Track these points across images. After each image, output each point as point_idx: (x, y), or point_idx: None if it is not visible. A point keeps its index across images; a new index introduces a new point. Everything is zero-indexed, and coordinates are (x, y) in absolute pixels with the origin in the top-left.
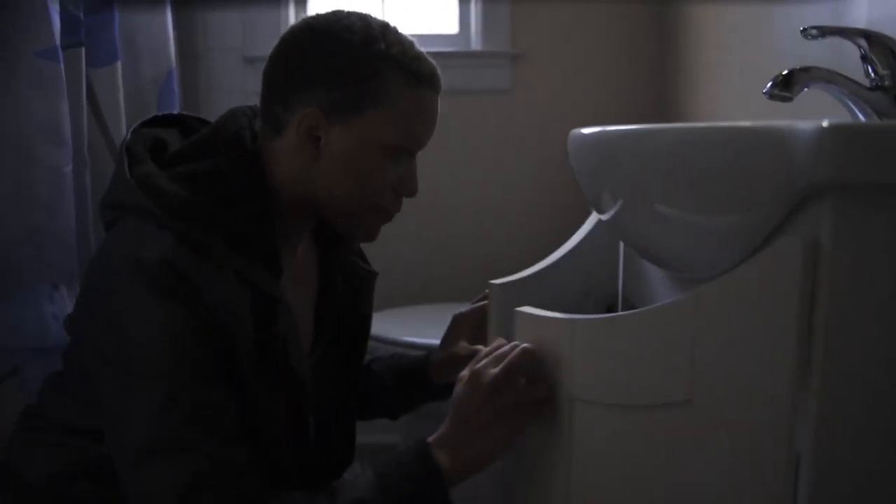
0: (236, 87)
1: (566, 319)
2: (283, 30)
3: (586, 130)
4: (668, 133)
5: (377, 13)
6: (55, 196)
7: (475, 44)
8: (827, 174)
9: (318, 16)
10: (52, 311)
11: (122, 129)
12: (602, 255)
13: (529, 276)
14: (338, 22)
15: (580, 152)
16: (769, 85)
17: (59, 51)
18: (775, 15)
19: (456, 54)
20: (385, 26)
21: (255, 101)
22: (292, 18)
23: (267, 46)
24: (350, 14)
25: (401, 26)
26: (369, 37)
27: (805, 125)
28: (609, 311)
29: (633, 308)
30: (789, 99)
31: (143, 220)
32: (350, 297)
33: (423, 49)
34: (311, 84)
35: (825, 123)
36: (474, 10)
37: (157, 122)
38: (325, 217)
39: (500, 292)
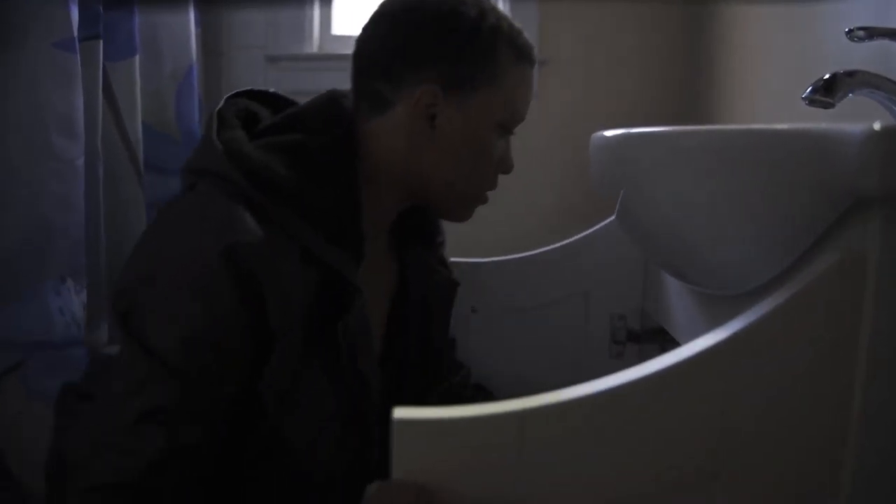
0: (258, 86)
1: (508, 414)
2: (308, 29)
3: (609, 133)
4: (696, 136)
5: None
6: (67, 189)
7: None
8: (877, 182)
9: None
10: (58, 304)
11: (137, 124)
12: (609, 257)
13: (493, 263)
14: None
15: (602, 156)
16: (809, 90)
17: (77, 42)
18: (815, 17)
19: None
20: None
21: None
22: (317, 19)
23: (290, 46)
24: None
25: None
26: (482, 10)
27: (853, 128)
28: (616, 319)
29: (651, 320)
30: (831, 105)
31: (217, 187)
32: (428, 304)
33: None
34: (426, 60)
35: (877, 126)
36: None
37: (250, 95)
38: (423, 199)
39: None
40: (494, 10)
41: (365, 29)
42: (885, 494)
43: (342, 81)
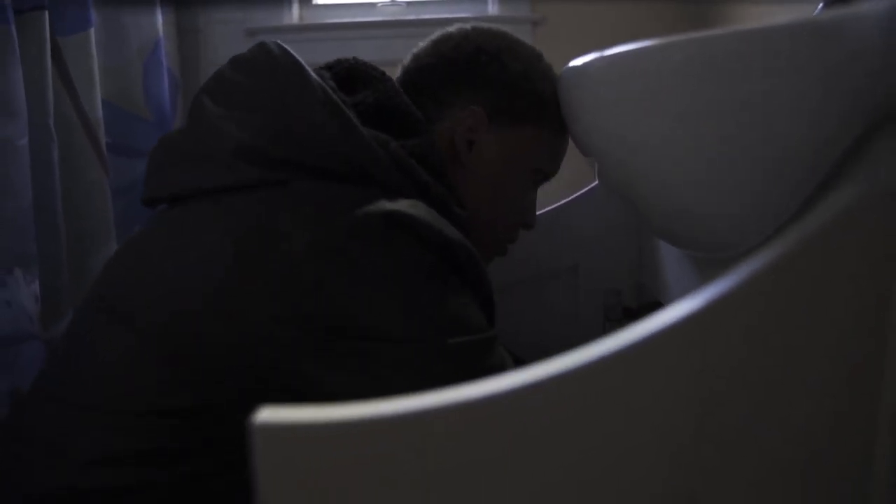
0: None
1: (405, 416)
2: (286, 1)
3: (578, 62)
4: (672, 48)
5: None
6: (7, 171)
7: (492, 8)
8: None
9: (477, 27)
10: (5, 296)
11: (97, 103)
12: (600, 225)
13: None
14: (506, 34)
15: (574, 91)
16: None
17: (10, 11)
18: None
19: (472, 20)
20: None
21: None
22: None
23: (270, 18)
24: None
25: None
26: (536, 54)
27: (874, 5)
28: (610, 294)
29: (650, 295)
30: None
31: (384, 189)
32: None
33: (436, 15)
34: (476, 85)
35: None
36: None
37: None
38: None
39: None
40: (544, 58)
41: (422, 50)
42: None
43: (326, 53)
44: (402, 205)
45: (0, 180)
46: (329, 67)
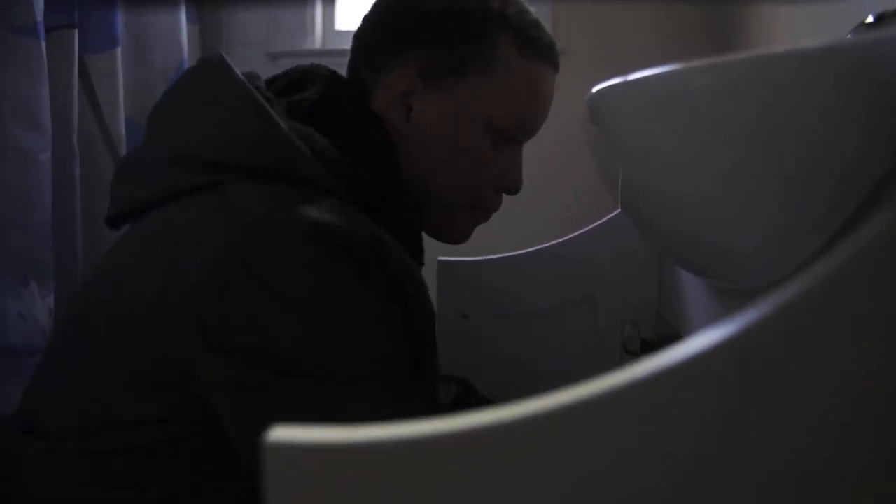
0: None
1: (417, 440)
2: (310, 25)
3: (605, 84)
4: (703, 71)
5: None
6: (28, 184)
7: None
8: None
9: None
10: (19, 308)
11: (120, 121)
12: (619, 254)
13: (487, 262)
14: None
15: (601, 112)
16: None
17: (41, 28)
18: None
19: None
20: None
21: None
22: (319, 14)
23: (292, 42)
24: None
25: None
26: None
27: None
28: (628, 325)
29: (669, 327)
30: None
31: (299, 186)
32: None
33: None
34: (407, 44)
35: None
36: None
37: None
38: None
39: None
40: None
41: (368, 13)
42: None
43: None
44: (326, 211)
45: (22, 193)
46: (286, 73)
